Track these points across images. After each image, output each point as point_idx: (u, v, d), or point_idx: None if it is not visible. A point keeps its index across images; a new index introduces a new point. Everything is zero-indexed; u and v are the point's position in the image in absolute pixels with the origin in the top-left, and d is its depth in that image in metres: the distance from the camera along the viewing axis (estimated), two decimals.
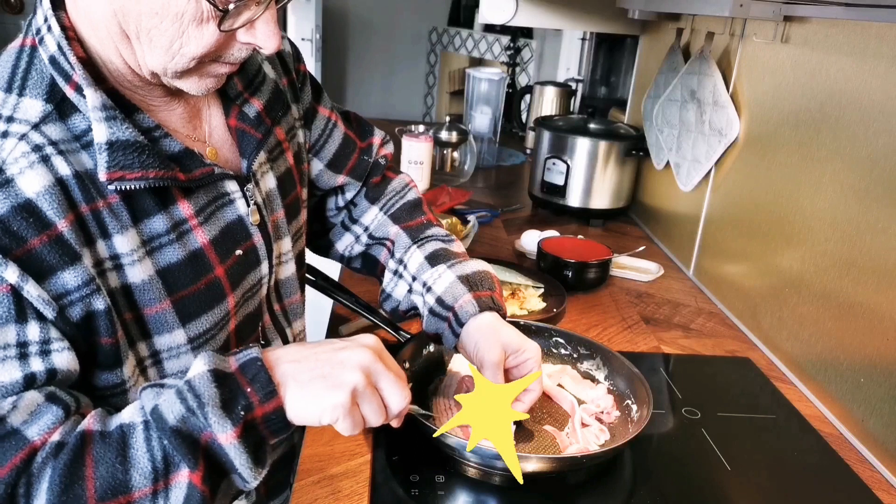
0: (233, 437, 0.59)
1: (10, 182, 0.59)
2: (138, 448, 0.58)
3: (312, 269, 1.09)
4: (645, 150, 1.71)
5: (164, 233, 0.69)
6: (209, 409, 0.58)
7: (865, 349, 0.96)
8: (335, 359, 0.65)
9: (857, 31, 1.01)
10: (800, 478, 0.89)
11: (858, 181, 0.99)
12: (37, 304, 0.59)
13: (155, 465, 0.58)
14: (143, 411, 0.60)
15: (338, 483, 0.81)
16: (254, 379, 0.62)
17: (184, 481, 0.58)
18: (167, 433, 0.58)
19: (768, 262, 1.21)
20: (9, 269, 0.57)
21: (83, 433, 0.58)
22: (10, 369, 0.58)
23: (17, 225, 0.58)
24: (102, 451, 0.57)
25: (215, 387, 0.60)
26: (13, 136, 0.61)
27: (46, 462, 0.56)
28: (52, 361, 0.60)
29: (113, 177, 0.63)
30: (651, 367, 1.11)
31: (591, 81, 2.32)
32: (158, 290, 0.69)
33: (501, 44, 3.58)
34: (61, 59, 0.63)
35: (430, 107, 4.59)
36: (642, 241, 1.67)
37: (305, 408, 0.63)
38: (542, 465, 0.80)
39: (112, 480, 0.56)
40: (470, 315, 0.87)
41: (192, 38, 0.63)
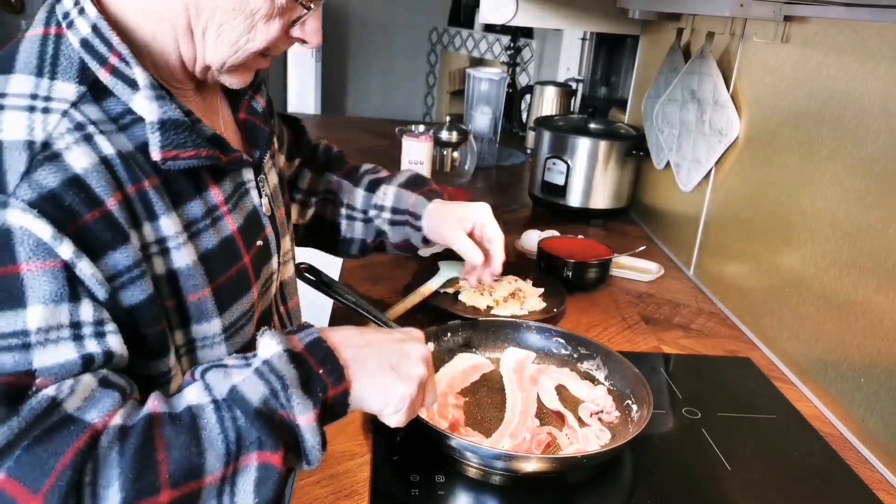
0: (313, 419, 0.59)
1: (59, 156, 0.57)
2: (211, 429, 0.56)
3: (312, 269, 1.09)
4: (645, 150, 1.71)
5: (201, 218, 0.69)
6: (293, 391, 0.58)
7: (865, 349, 0.96)
8: (401, 350, 0.67)
9: (857, 31, 1.01)
10: (800, 478, 0.89)
11: (859, 181, 0.99)
12: (89, 284, 0.57)
13: (228, 448, 0.56)
14: (209, 391, 0.58)
15: (338, 483, 0.81)
16: (323, 361, 0.62)
17: (254, 463, 0.56)
18: (250, 415, 0.57)
19: (768, 262, 1.21)
20: (63, 245, 0.55)
21: (149, 416, 0.56)
22: (65, 350, 0.56)
23: (69, 199, 0.56)
24: (174, 433, 0.55)
25: (294, 367, 0.60)
26: (56, 112, 0.59)
27: (112, 447, 0.54)
28: (108, 343, 0.58)
29: (167, 156, 0.63)
30: (651, 367, 1.11)
31: (592, 81, 2.32)
32: (201, 276, 0.67)
33: (502, 44, 3.58)
34: (96, 41, 0.62)
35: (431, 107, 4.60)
36: (642, 241, 1.67)
37: (373, 396, 0.64)
38: (542, 465, 0.80)
39: (187, 464, 0.54)
40: (423, 207, 1.00)
41: (259, 33, 0.66)
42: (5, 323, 0.54)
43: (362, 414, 0.93)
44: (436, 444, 0.83)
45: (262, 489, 0.57)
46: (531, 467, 0.80)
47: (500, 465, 0.81)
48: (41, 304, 0.54)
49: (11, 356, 0.54)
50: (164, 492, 0.53)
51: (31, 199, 0.55)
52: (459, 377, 0.99)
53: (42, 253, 0.55)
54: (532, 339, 1.07)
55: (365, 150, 2.37)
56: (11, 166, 0.55)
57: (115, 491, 0.52)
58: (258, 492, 0.57)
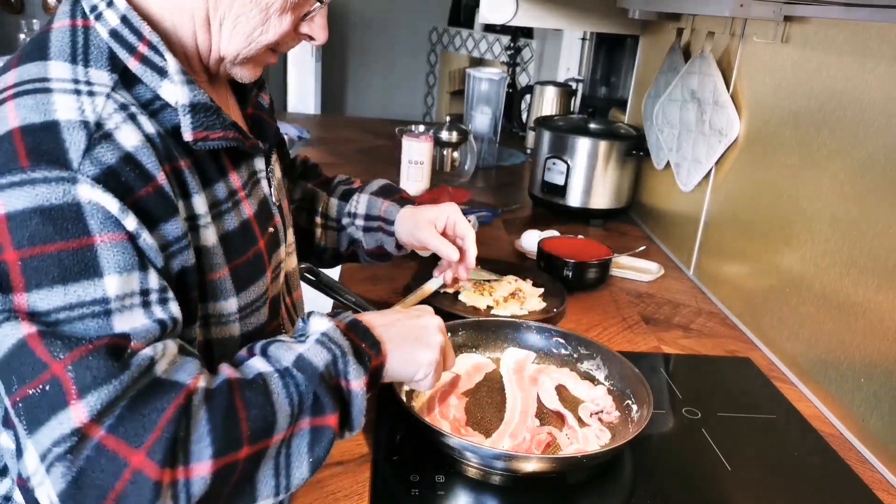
0: (364, 384, 0.66)
1: (111, 136, 0.60)
2: (279, 393, 0.62)
3: (312, 270, 1.09)
4: (645, 150, 1.71)
5: (224, 200, 0.72)
6: (349, 358, 0.66)
7: (865, 349, 0.96)
8: (419, 324, 0.76)
9: (857, 31, 1.01)
10: (800, 478, 0.89)
11: (859, 181, 0.99)
12: (150, 254, 0.61)
13: (293, 410, 0.62)
14: (272, 362, 0.64)
15: (338, 483, 0.81)
16: (364, 336, 0.70)
17: (308, 427, 0.63)
18: (315, 379, 0.63)
19: (768, 262, 1.21)
20: (129, 217, 0.59)
21: (228, 380, 0.61)
22: (139, 317, 0.59)
23: (126, 175, 0.59)
24: (252, 395, 0.60)
25: (345, 339, 0.68)
26: (101, 95, 0.62)
27: (202, 406, 0.58)
28: (171, 310, 0.62)
29: (198, 136, 0.66)
30: (651, 367, 1.11)
31: (592, 81, 2.32)
32: (221, 255, 0.71)
33: (501, 44, 3.58)
34: (125, 31, 0.65)
35: (431, 107, 4.60)
36: (642, 241, 1.67)
37: (403, 365, 0.73)
38: (542, 465, 0.80)
39: (263, 422, 0.60)
40: (395, 213, 1.04)
41: (272, 26, 0.69)
42: (84, 292, 0.57)
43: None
44: (436, 444, 0.83)
45: (315, 448, 0.63)
46: (531, 467, 0.80)
47: (500, 465, 0.81)
48: (116, 273, 0.58)
49: (95, 322, 0.57)
50: (245, 447, 0.59)
51: (96, 175, 0.58)
52: (464, 378, 0.99)
53: (111, 225, 0.58)
54: (532, 339, 1.07)
55: (365, 150, 2.37)
56: (73, 144, 0.58)
57: (206, 444, 0.57)
58: (312, 451, 0.63)
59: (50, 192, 0.56)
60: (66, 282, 0.56)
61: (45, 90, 0.60)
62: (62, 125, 0.58)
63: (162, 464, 0.55)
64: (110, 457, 0.54)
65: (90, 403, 0.54)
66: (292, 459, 0.62)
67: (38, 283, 0.55)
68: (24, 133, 0.58)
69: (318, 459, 0.64)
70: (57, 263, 0.56)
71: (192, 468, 0.56)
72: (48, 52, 0.64)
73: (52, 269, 0.56)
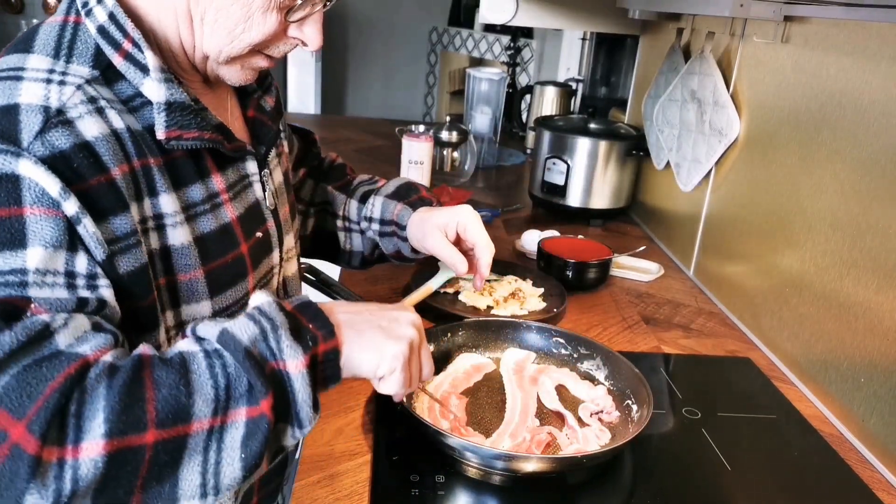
0: (302, 365, 0.58)
1: (72, 123, 0.60)
2: (201, 374, 0.56)
3: (312, 269, 1.09)
4: (645, 150, 1.71)
5: (201, 202, 0.71)
6: (282, 333, 0.58)
7: (865, 349, 0.96)
8: (389, 315, 0.69)
9: (857, 31, 1.01)
10: (800, 478, 0.89)
11: (859, 181, 0.99)
12: (89, 242, 0.60)
13: (218, 394, 0.55)
14: (200, 342, 0.59)
15: (338, 483, 0.81)
16: (314, 318, 0.62)
17: (243, 418, 0.56)
18: (240, 354, 0.56)
19: (769, 262, 1.21)
20: (69, 201, 0.58)
21: (140, 356, 0.56)
22: (58, 293, 0.57)
23: (78, 162, 0.60)
24: (164, 373, 0.55)
25: (283, 315, 0.60)
26: (71, 85, 0.62)
27: (100, 380, 0.53)
28: (101, 294, 0.60)
29: (171, 135, 0.66)
30: (651, 367, 1.11)
31: (592, 81, 2.32)
32: (194, 256, 0.70)
33: (502, 44, 3.58)
34: (111, 28, 0.66)
35: (431, 107, 4.59)
36: (642, 241, 1.67)
37: (364, 356, 0.64)
38: (542, 465, 0.80)
39: (175, 404, 0.54)
40: (407, 217, 0.99)
41: (256, 24, 0.68)
42: (3, 262, 0.56)
43: (362, 414, 0.93)
44: (436, 444, 0.83)
45: (250, 444, 0.56)
46: (531, 467, 0.80)
47: (500, 465, 0.81)
48: (41, 246, 0.57)
49: (7, 291, 0.55)
50: (151, 430, 0.53)
51: (43, 156, 0.58)
52: (462, 378, 0.99)
53: (46, 202, 0.57)
54: (532, 339, 1.07)
55: (365, 150, 2.37)
56: (27, 125, 0.59)
57: (99, 423, 0.51)
58: (245, 446, 0.56)
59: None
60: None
61: (17, 78, 0.62)
62: (22, 107, 0.59)
63: (43, 438, 0.50)
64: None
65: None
66: (223, 455, 0.55)
67: None
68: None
69: (252, 455, 0.56)
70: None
71: (80, 447, 0.51)
72: (32, 44, 0.65)
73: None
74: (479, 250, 0.96)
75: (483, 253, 0.96)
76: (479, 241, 0.96)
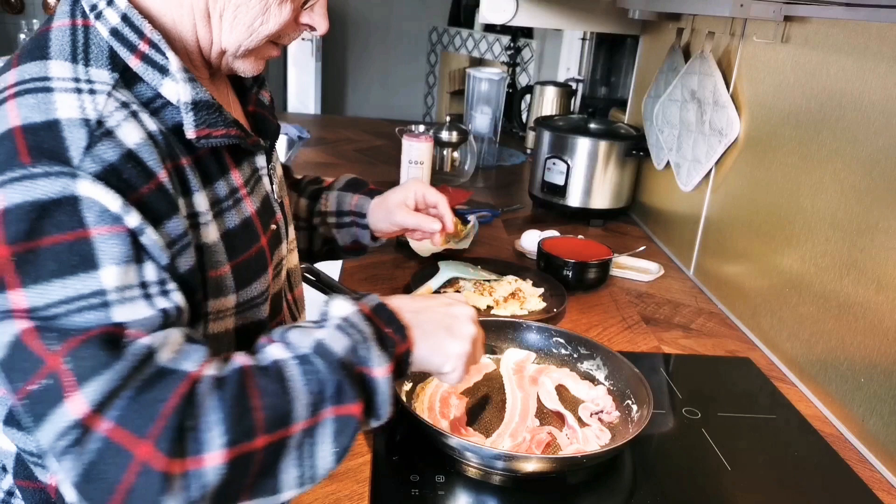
0: (388, 371, 0.63)
1: (112, 133, 0.60)
2: (297, 380, 0.59)
3: (312, 270, 1.09)
4: (645, 150, 1.71)
5: (224, 198, 0.72)
6: (371, 344, 0.63)
7: (865, 349, 0.96)
8: (451, 312, 0.73)
9: (857, 31, 1.01)
10: (800, 478, 0.89)
11: (859, 181, 0.99)
12: (153, 251, 0.60)
13: (313, 398, 0.59)
14: (290, 348, 0.62)
15: (338, 483, 0.81)
16: (389, 321, 0.67)
17: (332, 415, 0.60)
18: (334, 365, 0.60)
19: (769, 262, 1.21)
20: (131, 215, 0.58)
21: (241, 367, 0.59)
22: (141, 308, 0.58)
23: (128, 173, 0.59)
24: (265, 383, 0.58)
25: (368, 324, 0.65)
26: (101, 93, 0.62)
27: (211, 394, 0.56)
28: (174, 299, 0.61)
29: (201, 134, 0.66)
30: (651, 367, 1.11)
31: (592, 81, 2.32)
32: (223, 253, 0.70)
33: (502, 44, 3.58)
34: (125, 30, 0.65)
35: (431, 107, 4.59)
36: (642, 241, 1.67)
37: (430, 355, 0.70)
38: (542, 465, 0.80)
39: (279, 411, 0.58)
40: (367, 206, 1.05)
41: (273, 16, 0.69)
42: (82, 285, 0.56)
43: None
44: (436, 444, 0.83)
45: (340, 438, 0.60)
46: (531, 467, 0.80)
47: (500, 465, 0.81)
48: (113, 264, 0.57)
49: (94, 315, 0.56)
50: (260, 437, 0.56)
51: (97, 172, 0.57)
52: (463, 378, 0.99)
53: (109, 219, 0.57)
54: (532, 339, 1.07)
55: (365, 150, 2.37)
56: (73, 142, 0.58)
57: (216, 434, 0.55)
58: (336, 441, 0.60)
59: (49, 186, 0.56)
60: (62, 275, 0.55)
61: (46, 89, 0.60)
62: (63, 123, 0.58)
63: (169, 454, 0.53)
64: (116, 449, 0.53)
65: (88, 394, 0.53)
66: (316, 450, 0.60)
67: (34, 278, 0.55)
68: (25, 131, 0.58)
69: (343, 449, 0.61)
70: (53, 257, 0.55)
71: (203, 458, 0.54)
72: (48, 51, 0.64)
73: (49, 263, 0.55)
74: (442, 207, 1.05)
75: (445, 207, 1.05)
76: (439, 201, 1.05)
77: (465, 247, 1.48)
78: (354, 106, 4.70)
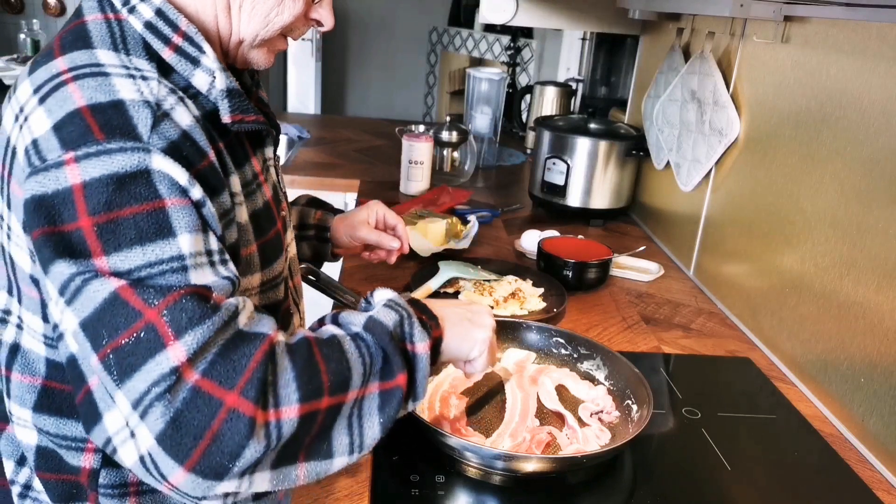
0: (427, 347, 0.70)
1: (169, 115, 0.63)
2: (353, 353, 0.65)
3: (313, 270, 1.09)
4: (645, 150, 1.71)
5: (250, 181, 0.76)
6: (414, 321, 0.70)
7: (865, 349, 0.96)
8: (472, 309, 0.81)
9: (857, 31, 1.01)
10: (800, 478, 0.89)
11: (859, 181, 0.99)
12: (211, 222, 0.65)
13: (365, 370, 0.65)
14: (345, 327, 0.69)
15: (338, 483, 0.81)
16: (423, 310, 0.74)
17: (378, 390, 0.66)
18: (386, 336, 0.67)
19: (768, 262, 1.21)
20: (196, 187, 0.62)
21: (305, 338, 0.65)
22: (209, 274, 0.62)
23: (186, 150, 0.63)
24: (329, 351, 0.64)
25: (410, 306, 0.72)
26: (153, 80, 0.65)
27: (284, 357, 0.61)
28: (232, 269, 0.66)
29: (236, 119, 0.71)
30: (651, 367, 1.11)
31: (592, 81, 2.32)
32: (251, 232, 0.75)
33: (502, 44, 3.58)
34: (160, 23, 0.68)
35: (431, 107, 4.59)
36: (642, 241, 1.67)
37: (459, 342, 0.77)
38: (542, 465, 0.80)
39: (341, 376, 0.63)
40: (330, 221, 1.11)
41: (287, 7, 0.73)
42: (161, 251, 0.60)
43: None
44: (436, 444, 0.83)
45: (387, 409, 0.66)
46: (531, 467, 0.80)
47: (500, 465, 0.81)
48: (188, 232, 0.61)
49: (175, 277, 0.60)
50: (325, 397, 0.62)
51: (164, 147, 0.61)
52: (462, 378, 0.99)
53: (178, 191, 0.61)
54: (532, 339, 1.07)
55: (365, 150, 2.37)
56: (140, 120, 0.61)
57: (293, 390, 0.60)
58: (383, 412, 0.66)
59: (125, 160, 0.59)
60: (143, 242, 0.59)
61: (103, 73, 0.63)
62: (127, 103, 0.61)
63: (256, 402, 0.58)
64: (206, 398, 0.57)
65: (187, 343, 0.57)
66: (364, 420, 0.65)
67: (116, 245, 0.58)
68: (93, 110, 0.60)
69: (388, 419, 0.66)
70: (133, 226, 0.59)
71: (281, 410, 0.59)
72: (91, 40, 0.66)
73: (129, 231, 0.59)
74: (400, 229, 1.13)
75: (403, 230, 1.14)
76: (398, 224, 1.13)
77: (465, 247, 1.48)
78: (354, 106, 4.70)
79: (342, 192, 1.98)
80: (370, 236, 1.10)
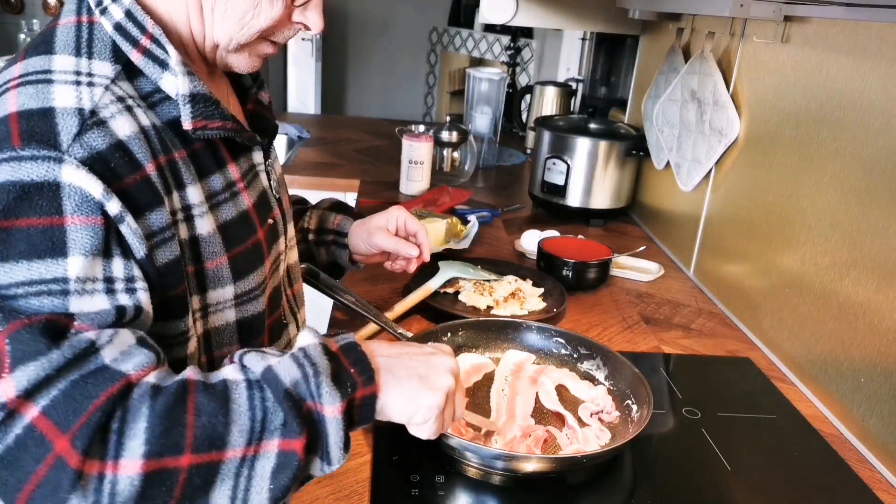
0: (338, 411, 0.60)
1: (105, 123, 0.62)
2: (241, 404, 0.58)
3: (312, 270, 1.09)
4: (645, 150, 1.71)
5: (221, 191, 0.73)
6: (323, 379, 0.60)
7: (865, 349, 0.96)
8: (429, 362, 0.69)
9: (857, 31, 1.01)
10: (800, 478, 0.89)
11: (859, 181, 0.99)
12: (131, 241, 0.61)
13: (254, 426, 0.57)
14: (245, 371, 0.61)
15: (338, 483, 0.81)
16: (356, 362, 0.64)
17: (275, 449, 0.57)
18: (280, 394, 0.58)
19: (768, 262, 1.21)
20: (112, 202, 0.59)
21: (185, 380, 0.58)
22: (100, 301, 0.59)
23: (115, 162, 0.61)
24: (205, 400, 0.57)
25: (327, 360, 0.62)
26: (99, 86, 0.64)
27: (143, 401, 0.55)
28: (138, 298, 0.61)
29: (197, 125, 0.68)
30: (651, 367, 1.11)
31: (592, 81, 2.32)
32: (219, 244, 0.72)
33: (502, 44, 3.58)
34: (128, 25, 0.67)
35: (431, 107, 4.59)
36: (642, 241, 1.67)
37: (401, 404, 0.65)
38: (542, 465, 0.80)
39: (212, 432, 0.56)
40: (349, 226, 1.08)
41: (264, 10, 0.70)
42: (46, 269, 0.57)
43: None
44: (436, 444, 0.83)
45: (279, 476, 0.58)
46: (531, 467, 0.80)
47: (500, 465, 0.81)
48: (81, 255, 0.58)
49: (50, 300, 0.56)
50: (187, 454, 0.55)
51: (83, 158, 0.59)
52: (463, 378, 0.99)
53: (86, 208, 0.58)
54: (532, 339, 1.07)
55: (365, 150, 2.37)
56: (64, 128, 0.60)
57: (139, 443, 0.54)
58: (275, 478, 0.57)
59: (34, 169, 0.57)
60: (30, 257, 0.56)
61: (47, 81, 0.62)
62: (57, 111, 0.60)
63: (84, 452, 0.52)
64: (38, 439, 0.52)
65: (17, 378, 0.53)
66: (252, 483, 0.57)
67: (3, 256, 0.56)
68: (20, 116, 0.60)
69: (280, 488, 0.58)
70: (25, 238, 0.56)
71: (119, 464, 0.53)
72: (53, 45, 0.66)
73: (20, 243, 0.56)
74: (421, 236, 1.08)
75: (424, 237, 1.09)
76: (419, 231, 1.08)
77: (465, 247, 1.48)
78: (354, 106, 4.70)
79: (342, 192, 1.98)
80: (387, 243, 1.05)
